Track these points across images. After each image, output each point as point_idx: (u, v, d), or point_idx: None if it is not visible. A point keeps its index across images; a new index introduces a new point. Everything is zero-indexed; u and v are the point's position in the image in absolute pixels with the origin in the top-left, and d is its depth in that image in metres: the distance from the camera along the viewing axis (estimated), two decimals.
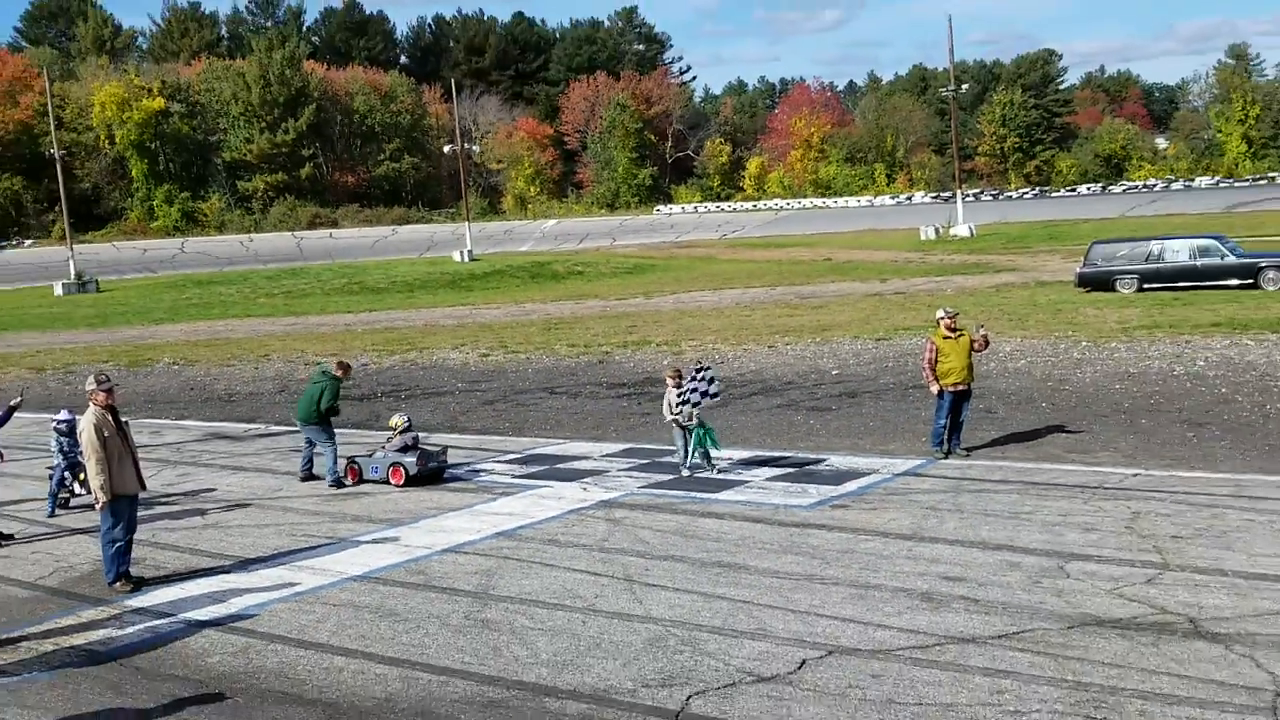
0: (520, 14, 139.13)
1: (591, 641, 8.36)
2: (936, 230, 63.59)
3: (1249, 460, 13.18)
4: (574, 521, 11.90)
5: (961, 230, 63.34)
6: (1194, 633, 7.92)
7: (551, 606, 9.19)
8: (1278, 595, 8.56)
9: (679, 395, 13.53)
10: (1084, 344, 21.93)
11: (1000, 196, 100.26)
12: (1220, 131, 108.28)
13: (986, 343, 14.56)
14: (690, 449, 13.72)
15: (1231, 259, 29.54)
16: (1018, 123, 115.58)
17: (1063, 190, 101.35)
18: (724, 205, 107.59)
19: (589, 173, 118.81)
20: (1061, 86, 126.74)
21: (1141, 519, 10.81)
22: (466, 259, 68.39)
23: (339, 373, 14.70)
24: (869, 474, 13.37)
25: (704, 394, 13.52)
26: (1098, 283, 30.57)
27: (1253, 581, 8.89)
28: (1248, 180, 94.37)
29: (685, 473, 13.70)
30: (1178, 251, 30.17)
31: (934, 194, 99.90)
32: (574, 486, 13.51)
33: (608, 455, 15.39)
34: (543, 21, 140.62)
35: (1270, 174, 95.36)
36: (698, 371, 13.80)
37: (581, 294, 43.09)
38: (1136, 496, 11.67)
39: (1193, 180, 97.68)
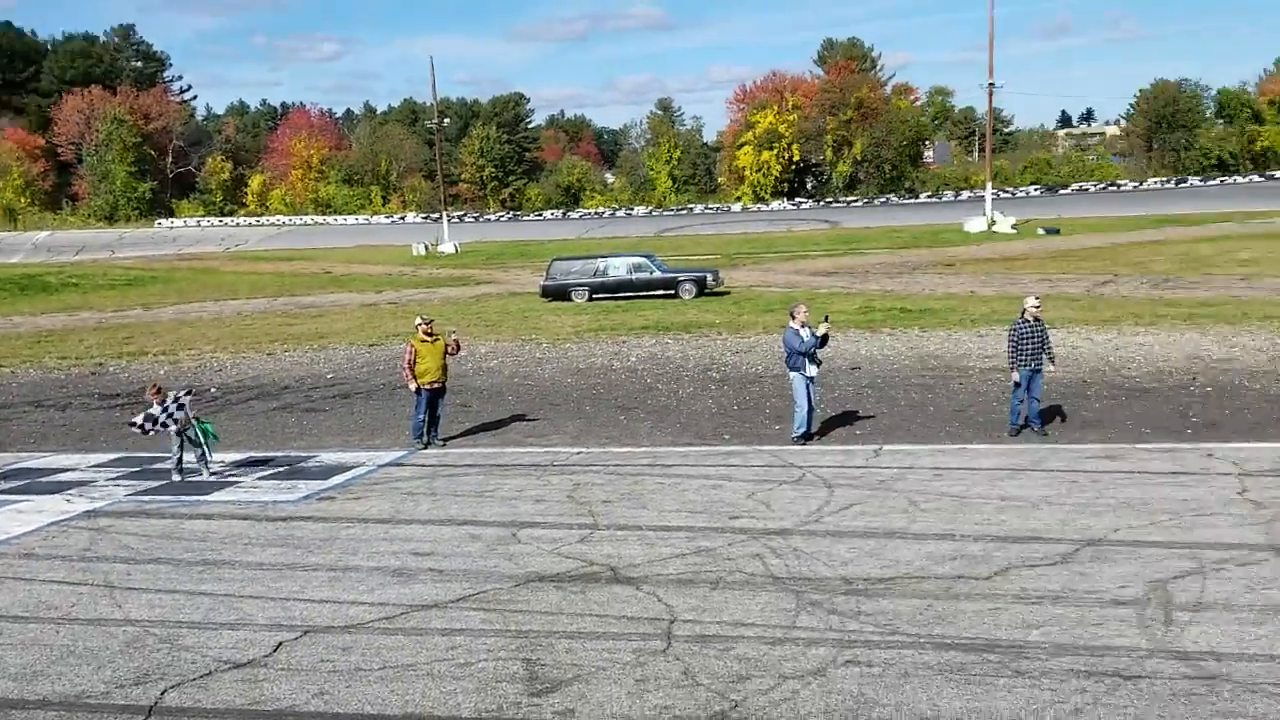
0: (9, 23, 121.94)
1: (65, 649, 7.54)
2: (426, 247, 64.09)
3: (665, 435, 14.62)
4: (55, 533, 10.67)
5: (448, 247, 64.34)
6: (614, 579, 8.64)
7: (24, 620, 8.18)
8: (678, 543, 9.56)
9: (163, 415, 12.59)
10: (545, 345, 23.16)
11: (481, 218, 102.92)
12: (652, 169, 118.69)
13: (459, 347, 14.94)
14: (199, 450, 12.88)
15: (658, 274, 32.51)
16: (494, 155, 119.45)
17: (532, 215, 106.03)
18: (227, 220, 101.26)
19: (86, 185, 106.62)
20: (530, 125, 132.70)
21: (581, 489, 11.62)
22: None
23: None
24: (355, 467, 13.23)
25: (171, 416, 12.68)
26: (557, 294, 32.38)
27: (660, 533, 9.86)
28: (673, 210, 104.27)
29: (177, 477, 12.78)
30: (618, 268, 32.70)
31: (424, 215, 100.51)
32: (57, 498, 12.11)
33: (96, 465, 13.96)
34: (33, 32, 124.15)
35: (690, 205, 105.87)
36: (183, 394, 12.96)
37: (76, 306, 38.60)
38: (578, 470, 12.53)
39: (633, 209, 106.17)
